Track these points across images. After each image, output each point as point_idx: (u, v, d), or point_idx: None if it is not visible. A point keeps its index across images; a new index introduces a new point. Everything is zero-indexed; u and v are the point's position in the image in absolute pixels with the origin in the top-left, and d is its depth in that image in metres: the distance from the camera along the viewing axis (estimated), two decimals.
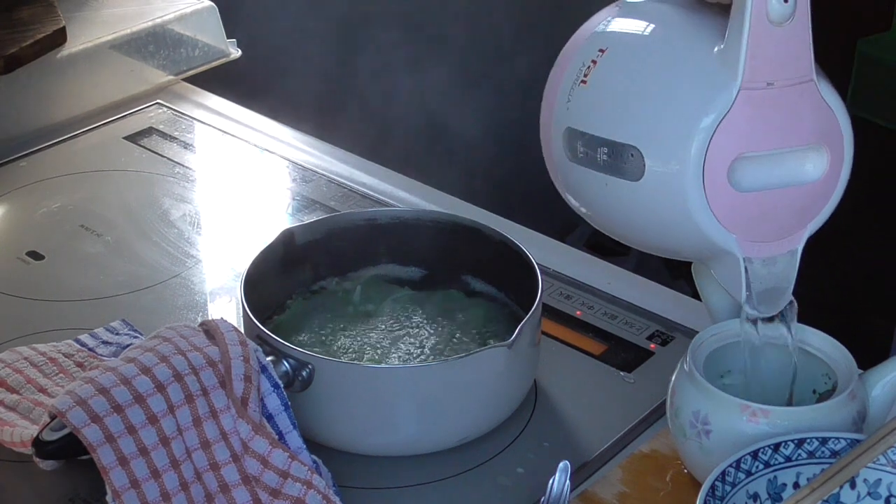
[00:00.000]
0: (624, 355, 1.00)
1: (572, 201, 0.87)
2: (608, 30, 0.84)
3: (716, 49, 0.78)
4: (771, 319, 0.84)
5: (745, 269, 0.81)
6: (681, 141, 0.78)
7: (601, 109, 0.82)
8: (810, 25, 0.77)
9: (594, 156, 0.82)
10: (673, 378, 0.85)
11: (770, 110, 0.78)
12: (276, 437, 0.84)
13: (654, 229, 0.83)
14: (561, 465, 0.82)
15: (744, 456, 0.78)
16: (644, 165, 0.79)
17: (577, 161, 0.83)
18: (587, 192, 0.85)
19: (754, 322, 0.83)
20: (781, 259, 0.82)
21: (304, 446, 0.85)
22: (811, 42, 0.77)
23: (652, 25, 0.82)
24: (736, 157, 0.78)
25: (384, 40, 1.87)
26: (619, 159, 0.80)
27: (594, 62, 0.83)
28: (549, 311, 1.03)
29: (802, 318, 0.87)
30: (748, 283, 0.81)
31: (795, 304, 0.84)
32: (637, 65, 0.82)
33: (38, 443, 0.82)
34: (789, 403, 0.85)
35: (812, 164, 0.80)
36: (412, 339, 0.96)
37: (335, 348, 0.95)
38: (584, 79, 0.83)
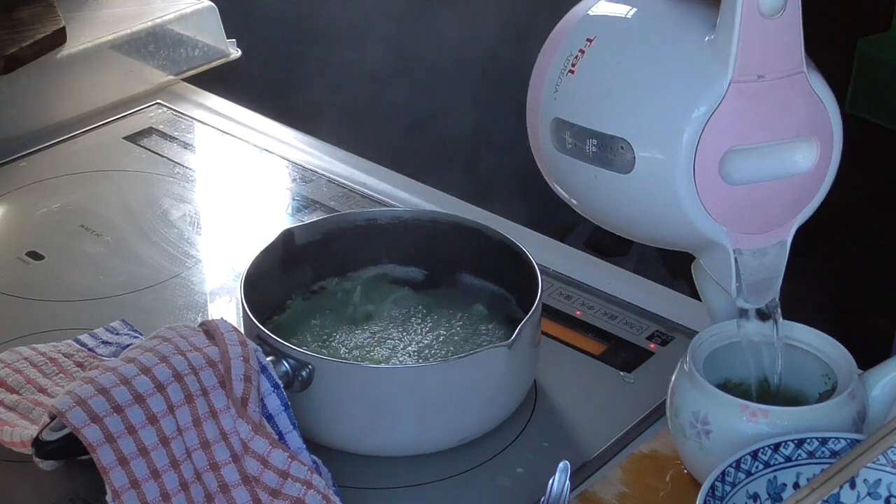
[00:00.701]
0: (624, 355, 1.00)
1: (560, 191, 0.86)
2: (596, 17, 0.83)
3: (706, 39, 0.78)
4: (763, 317, 0.84)
5: (735, 260, 0.81)
6: (671, 134, 0.78)
7: (590, 100, 0.82)
8: (801, 17, 0.76)
9: (583, 147, 0.81)
10: (673, 378, 0.85)
11: (761, 103, 0.78)
12: (276, 437, 0.84)
13: (644, 220, 0.83)
14: (561, 465, 0.82)
15: (744, 456, 0.78)
16: (634, 158, 0.79)
17: (566, 152, 0.83)
18: (576, 182, 0.84)
19: (747, 316, 0.83)
20: (771, 250, 0.82)
21: (304, 446, 0.85)
22: (802, 34, 0.77)
23: (640, 13, 0.82)
24: (727, 149, 0.78)
25: (385, 39, 1.87)
26: (609, 151, 0.80)
27: (582, 52, 0.82)
28: (549, 311, 1.03)
29: (803, 319, 0.87)
30: (738, 275, 0.81)
31: (778, 303, 0.84)
32: (626, 55, 0.81)
33: (38, 443, 0.82)
34: (778, 400, 0.85)
35: (802, 155, 0.80)
36: (412, 339, 0.96)
37: (335, 348, 0.95)
38: (572, 68, 0.82)
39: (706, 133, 0.77)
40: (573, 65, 0.82)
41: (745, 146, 0.78)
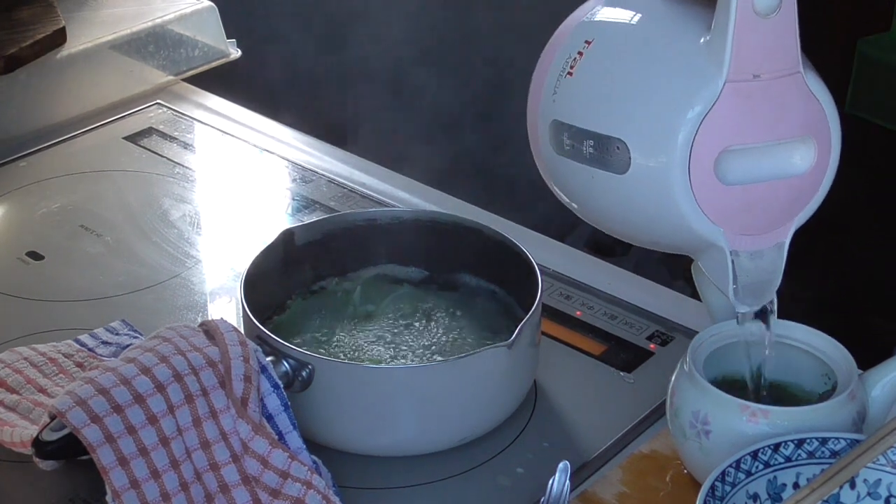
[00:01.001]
0: (624, 355, 1.00)
1: (560, 194, 0.87)
2: (595, 20, 0.84)
3: (702, 41, 0.78)
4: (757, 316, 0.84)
5: (732, 262, 0.80)
6: (666, 134, 0.78)
7: (587, 101, 0.82)
8: (797, 17, 0.76)
9: (580, 148, 0.81)
10: (673, 378, 0.85)
11: (757, 103, 0.77)
12: (276, 437, 0.84)
13: (641, 222, 0.83)
14: (561, 465, 0.82)
15: (744, 456, 0.78)
16: (630, 158, 0.79)
17: (564, 154, 0.83)
18: (574, 185, 0.84)
19: (745, 318, 0.83)
20: (768, 252, 0.81)
21: (304, 446, 0.85)
22: (798, 33, 0.77)
23: (638, 16, 0.82)
24: (722, 149, 0.78)
25: (385, 39, 1.87)
26: (605, 152, 0.80)
27: (580, 53, 0.82)
28: (549, 311, 1.03)
29: (803, 319, 0.87)
30: (735, 277, 0.81)
31: (775, 299, 0.83)
32: (623, 57, 0.82)
33: (37, 443, 0.82)
34: (778, 400, 0.85)
35: (800, 156, 0.80)
36: (412, 340, 0.96)
37: (335, 348, 0.95)
38: (571, 70, 0.83)
39: (701, 132, 0.77)
40: (571, 67, 0.82)
41: (742, 146, 0.78)
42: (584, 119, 0.81)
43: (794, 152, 0.80)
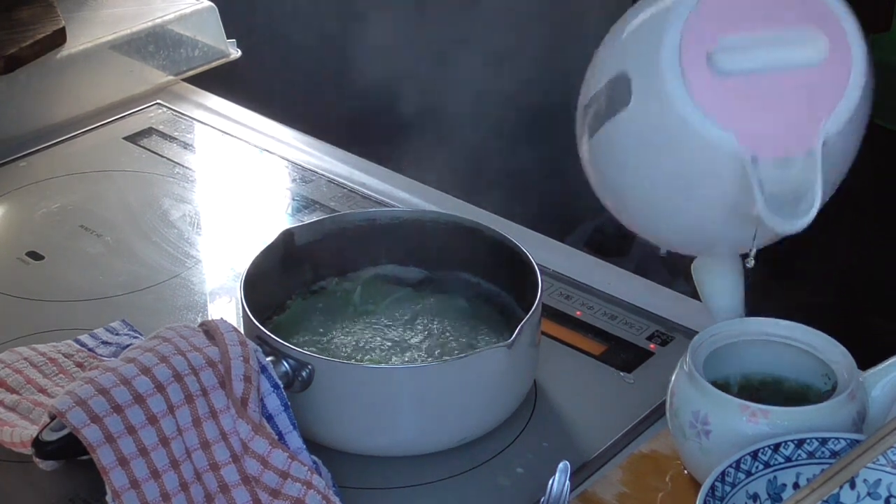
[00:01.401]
0: (624, 355, 1.00)
1: (606, 200, 0.86)
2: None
3: None
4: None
5: (753, 168, 0.75)
6: (654, 43, 0.77)
7: (601, 68, 0.83)
8: None
9: (599, 110, 0.81)
10: (673, 378, 0.85)
11: None
12: (276, 437, 0.84)
13: (653, 163, 0.81)
14: (561, 465, 0.82)
15: (744, 456, 0.78)
16: (630, 85, 0.78)
17: (592, 133, 0.83)
18: (602, 166, 0.84)
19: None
20: (798, 161, 0.77)
21: (304, 446, 0.85)
22: None
23: None
24: (713, 43, 0.76)
25: (385, 40, 1.87)
26: (614, 96, 0.80)
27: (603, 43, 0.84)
28: (549, 311, 1.03)
29: (803, 319, 0.87)
30: (760, 185, 0.75)
31: (752, 263, 0.82)
32: (628, 21, 0.82)
33: (37, 443, 0.82)
34: (778, 399, 0.85)
35: (807, 48, 0.78)
36: (412, 340, 0.96)
37: (335, 348, 0.95)
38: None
39: (687, 30, 0.76)
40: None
41: (736, 37, 0.77)
42: (599, 81, 0.82)
43: (799, 43, 0.78)
